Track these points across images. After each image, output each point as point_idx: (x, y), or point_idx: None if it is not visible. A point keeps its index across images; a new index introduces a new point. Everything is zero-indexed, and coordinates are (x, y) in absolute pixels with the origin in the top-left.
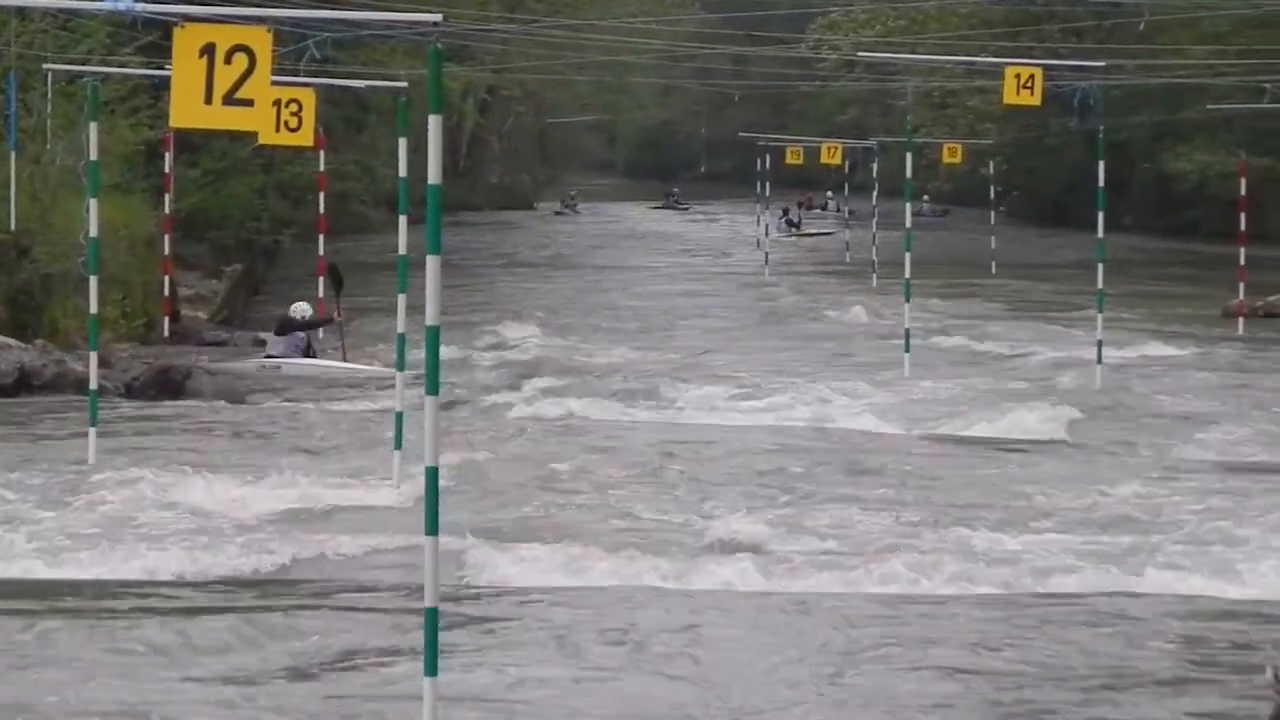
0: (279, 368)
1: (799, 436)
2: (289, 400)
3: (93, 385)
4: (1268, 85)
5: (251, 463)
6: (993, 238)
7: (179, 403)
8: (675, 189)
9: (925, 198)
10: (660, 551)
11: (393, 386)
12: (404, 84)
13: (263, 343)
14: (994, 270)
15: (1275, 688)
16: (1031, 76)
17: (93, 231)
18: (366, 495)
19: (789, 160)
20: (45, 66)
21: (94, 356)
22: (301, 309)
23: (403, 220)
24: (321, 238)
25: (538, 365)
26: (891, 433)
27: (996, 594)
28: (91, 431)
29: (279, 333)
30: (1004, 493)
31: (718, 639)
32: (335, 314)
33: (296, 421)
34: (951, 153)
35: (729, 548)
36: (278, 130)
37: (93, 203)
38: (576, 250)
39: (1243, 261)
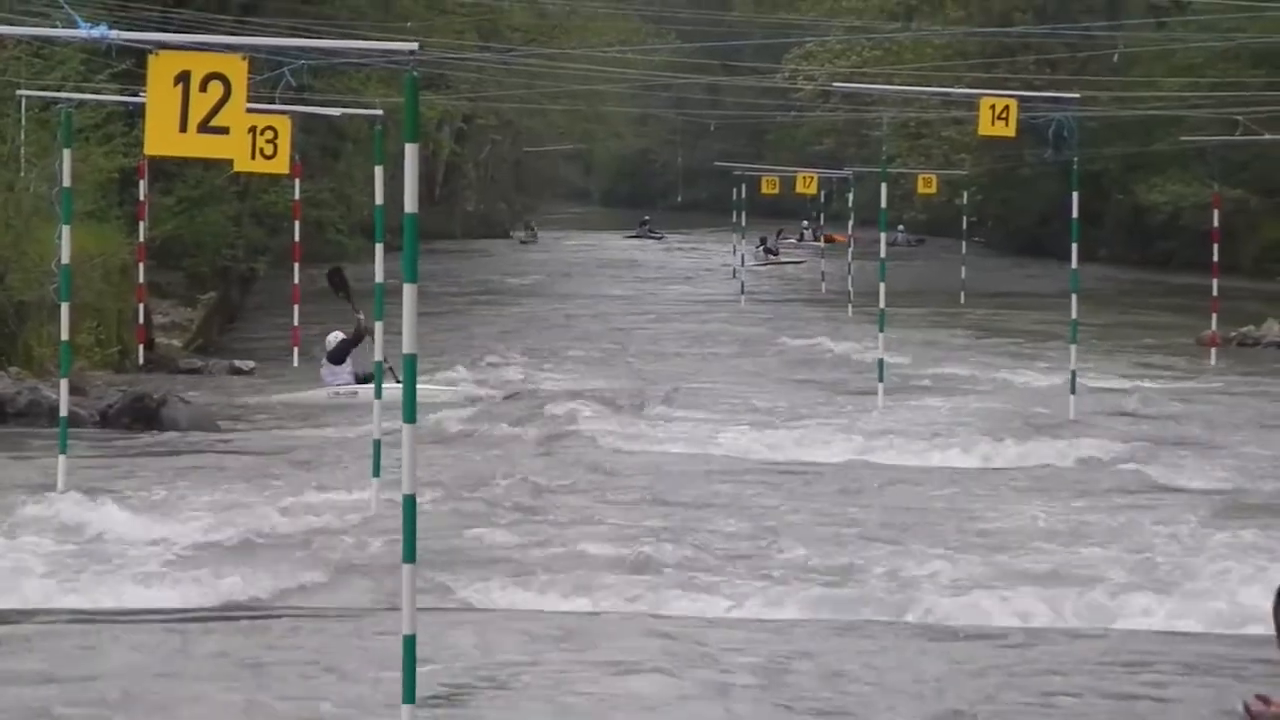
0: (355, 394)
1: (773, 467)
2: (265, 428)
3: (63, 412)
4: (1240, 117)
5: (225, 491)
6: (963, 268)
7: (153, 431)
8: (647, 217)
9: (900, 227)
10: (648, 578)
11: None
12: (380, 112)
13: (239, 370)
14: (963, 300)
15: (1246, 718)
16: (1006, 107)
17: (65, 259)
18: (343, 523)
19: (765, 190)
20: (19, 93)
21: (64, 384)
22: (339, 336)
23: (379, 248)
24: (297, 265)
25: (515, 392)
26: (866, 462)
27: (968, 625)
28: (61, 459)
29: (336, 361)
30: (979, 523)
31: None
32: (360, 322)
33: (273, 449)
34: (926, 183)
35: (712, 573)
36: (253, 157)
37: (65, 229)
38: (552, 279)
39: (1216, 292)
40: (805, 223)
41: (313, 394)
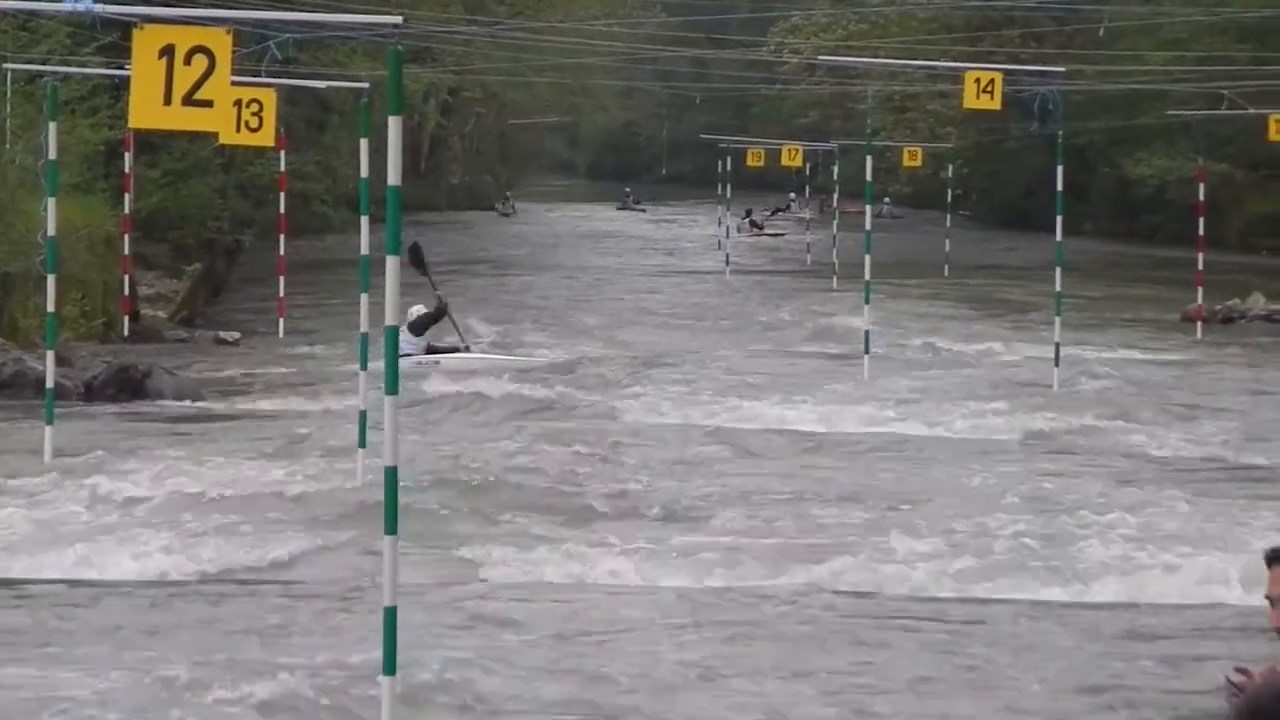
0: (437, 363)
1: (757, 438)
2: (250, 399)
3: (49, 383)
4: (1226, 91)
5: (211, 462)
6: (947, 240)
7: (139, 402)
8: (628, 190)
9: (886, 200)
10: (632, 549)
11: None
12: (365, 84)
13: (224, 341)
14: (947, 273)
15: (1230, 690)
16: (991, 81)
17: (51, 231)
18: (328, 493)
19: (750, 162)
20: (5, 66)
21: (51, 355)
22: (420, 309)
23: (364, 221)
24: (282, 238)
25: (499, 362)
26: (849, 433)
27: (953, 598)
28: (47, 430)
29: (417, 333)
30: (960, 495)
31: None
32: (441, 299)
33: (258, 420)
34: (912, 156)
35: (701, 544)
36: (238, 130)
37: (51, 202)
38: (536, 251)
39: (1201, 266)
40: (792, 195)
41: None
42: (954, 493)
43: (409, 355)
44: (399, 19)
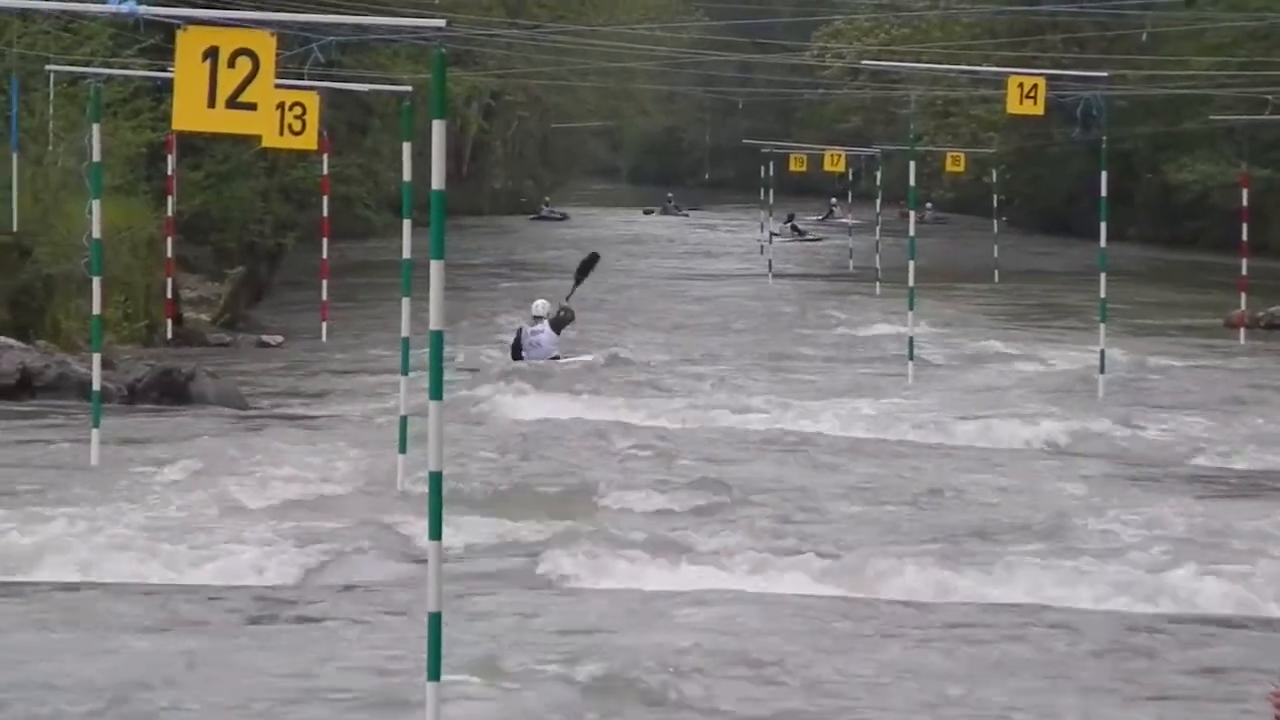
0: (573, 362)
1: (800, 443)
2: (293, 403)
3: (96, 386)
4: (1270, 96)
5: (253, 467)
6: (995, 246)
7: (182, 406)
8: (670, 194)
9: (929, 205)
10: (677, 557)
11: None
12: (408, 88)
13: (267, 345)
14: (997, 279)
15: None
16: (1035, 86)
17: (96, 233)
18: (370, 499)
19: (792, 167)
20: (48, 68)
21: (97, 358)
22: (544, 305)
23: (406, 224)
24: (325, 241)
25: (544, 368)
26: (895, 439)
27: (1005, 604)
28: (94, 433)
29: (558, 330)
30: (1008, 503)
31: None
32: (569, 308)
33: (300, 425)
34: (955, 161)
35: (730, 550)
36: (281, 133)
37: (96, 204)
38: (579, 254)
39: (1244, 272)
40: (833, 200)
41: (567, 361)
42: (1021, 500)
43: (554, 353)
44: (443, 22)
